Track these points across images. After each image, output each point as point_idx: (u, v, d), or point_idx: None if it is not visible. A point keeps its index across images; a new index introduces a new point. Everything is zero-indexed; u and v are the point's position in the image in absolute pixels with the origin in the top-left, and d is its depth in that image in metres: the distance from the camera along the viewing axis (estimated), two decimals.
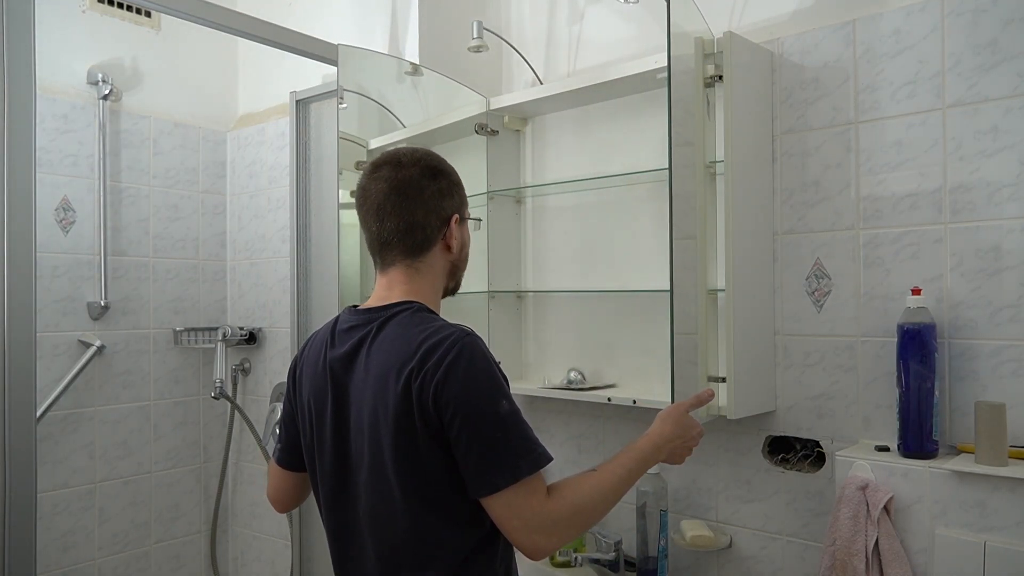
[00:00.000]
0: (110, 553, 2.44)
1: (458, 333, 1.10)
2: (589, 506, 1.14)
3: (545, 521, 1.08)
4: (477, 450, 1.06)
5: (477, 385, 1.07)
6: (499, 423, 1.07)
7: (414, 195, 1.19)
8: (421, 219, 1.19)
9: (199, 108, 2.70)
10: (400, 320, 1.16)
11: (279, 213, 2.58)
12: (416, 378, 1.07)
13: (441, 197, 1.21)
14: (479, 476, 1.07)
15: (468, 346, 1.09)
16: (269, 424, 2.51)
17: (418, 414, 1.08)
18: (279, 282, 2.57)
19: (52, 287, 2.29)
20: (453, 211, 1.22)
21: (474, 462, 1.07)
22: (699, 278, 1.55)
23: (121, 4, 2.47)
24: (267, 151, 2.64)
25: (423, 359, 1.08)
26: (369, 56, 1.98)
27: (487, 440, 1.06)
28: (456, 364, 1.07)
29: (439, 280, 1.24)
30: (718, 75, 1.56)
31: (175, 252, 2.62)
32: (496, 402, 1.07)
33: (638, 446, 1.25)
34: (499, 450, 1.06)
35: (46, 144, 2.28)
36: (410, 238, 1.19)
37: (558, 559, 1.86)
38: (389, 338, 1.14)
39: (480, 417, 1.06)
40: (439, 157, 1.26)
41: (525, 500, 1.07)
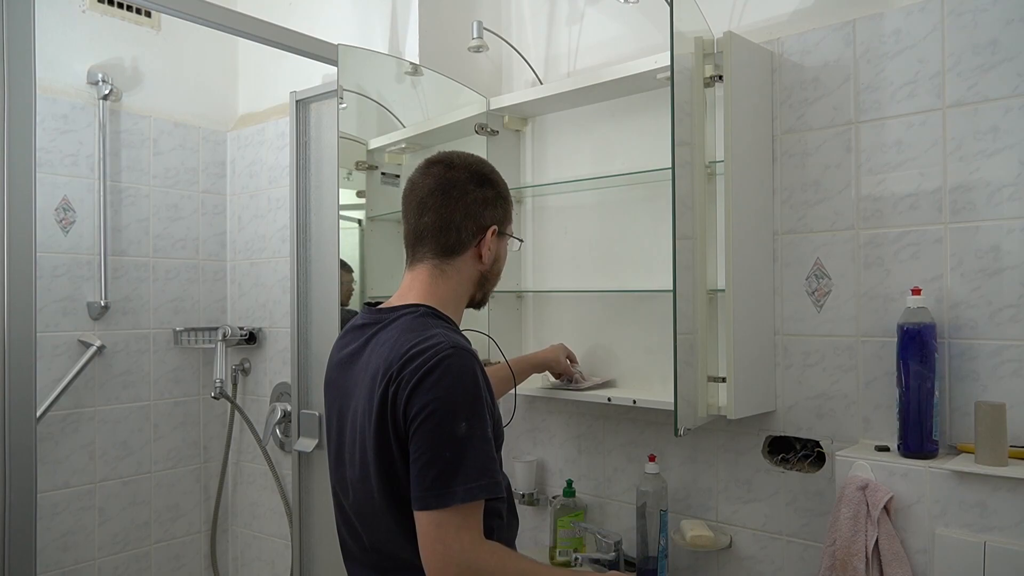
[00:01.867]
0: (110, 553, 2.44)
1: (446, 344, 1.08)
2: None
3: (470, 563, 1.04)
4: (420, 463, 1.05)
5: (443, 399, 1.05)
6: (453, 442, 1.04)
7: (457, 196, 1.21)
8: (458, 221, 1.21)
9: (199, 108, 2.70)
10: (401, 323, 1.16)
11: (279, 213, 2.58)
12: (393, 383, 1.08)
13: (484, 205, 1.23)
14: (416, 488, 1.05)
15: (449, 359, 1.07)
16: (269, 424, 2.51)
17: (391, 421, 1.08)
18: (279, 282, 2.57)
19: (52, 287, 2.29)
20: (493, 222, 1.24)
21: (416, 472, 1.05)
22: (699, 278, 1.55)
23: (121, 4, 2.47)
24: (267, 151, 2.64)
25: (403, 366, 1.08)
26: (369, 56, 1.98)
27: (434, 456, 1.04)
28: (430, 375, 1.05)
29: (464, 287, 1.25)
30: (718, 75, 1.56)
31: (175, 252, 2.62)
32: (456, 419, 1.05)
33: None
34: (442, 468, 1.03)
35: (46, 144, 2.28)
36: (444, 237, 1.21)
37: (558, 559, 1.86)
38: (386, 341, 1.15)
39: (435, 431, 1.04)
40: (491, 167, 1.29)
41: (455, 532, 1.03)
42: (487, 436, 1.08)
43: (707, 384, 1.56)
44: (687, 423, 1.47)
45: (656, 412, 1.81)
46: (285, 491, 2.53)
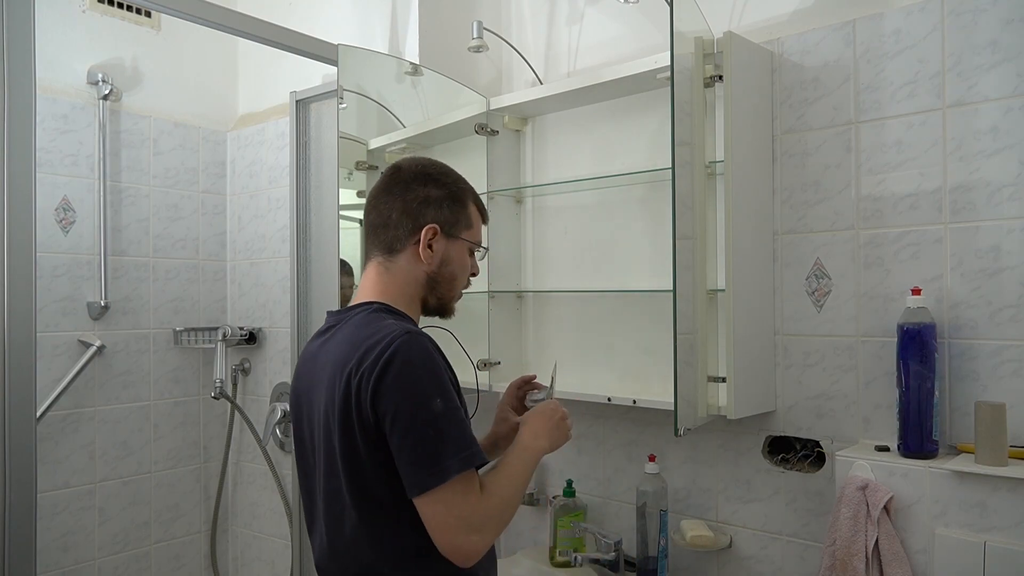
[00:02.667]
0: (110, 553, 2.44)
1: (398, 331, 1.10)
2: (511, 500, 1.15)
3: (481, 518, 1.09)
4: (408, 448, 1.06)
5: (410, 382, 1.07)
6: (431, 420, 1.06)
7: (398, 193, 1.22)
8: (395, 219, 1.22)
9: (199, 108, 2.70)
10: (355, 321, 1.18)
11: (279, 213, 2.58)
12: (355, 377, 1.09)
13: (424, 204, 1.22)
14: (410, 476, 1.06)
15: (405, 343, 1.08)
16: (269, 424, 2.51)
17: (356, 414, 1.09)
18: (279, 282, 2.57)
19: (52, 287, 2.29)
20: (434, 221, 1.22)
21: (406, 461, 1.06)
22: (699, 278, 1.55)
23: (121, 4, 2.47)
24: (267, 151, 2.64)
25: (361, 359, 1.09)
26: (369, 56, 1.98)
27: (418, 438, 1.06)
28: (391, 362, 1.07)
29: (411, 286, 1.24)
30: (718, 75, 1.56)
31: (175, 252, 2.62)
32: (429, 399, 1.07)
33: (521, 444, 1.24)
34: (430, 448, 1.06)
35: (46, 144, 2.28)
36: (383, 234, 1.23)
37: (558, 559, 1.86)
38: (342, 340, 1.17)
39: (412, 414, 1.06)
40: (445, 170, 1.28)
41: (463, 498, 1.07)
42: (459, 407, 1.10)
43: (707, 384, 1.56)
44: (687, 423, 1.47)
45: (656, 412, 1.81)
46: (285, 491, 2.53)
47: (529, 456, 1.23)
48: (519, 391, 1.48)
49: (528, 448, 1.23)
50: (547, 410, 1.31)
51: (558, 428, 1.29)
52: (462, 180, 1.29)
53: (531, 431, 1.26)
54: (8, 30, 1.29)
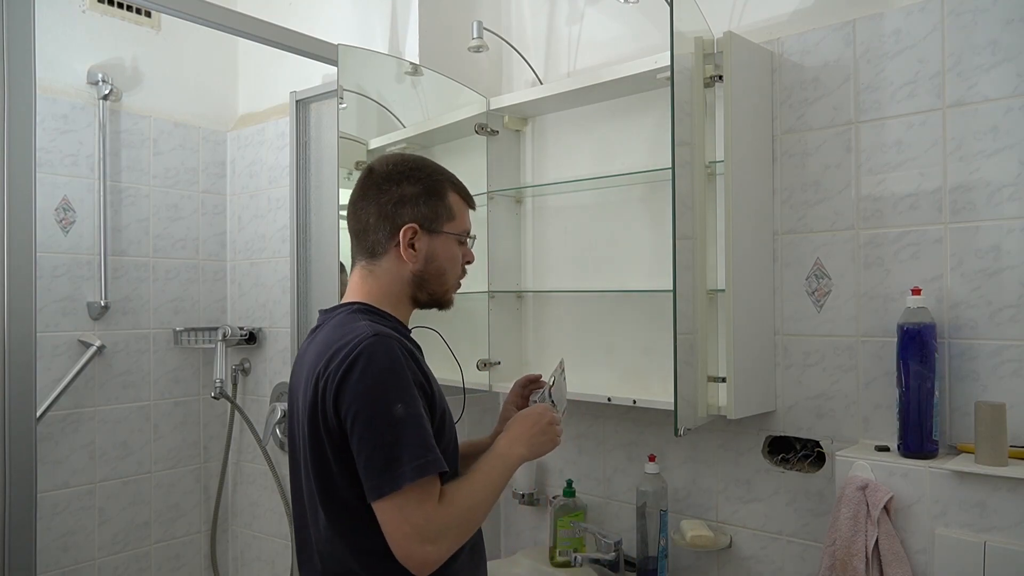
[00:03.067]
0: (110, 553, 2.43)
1: (364, 335, 1.08)
2: (475, 509, 1.12)
3: (437, 527, 1.06)
4: (366, 453, 1.04)
5: (372, 387, 1.05)
6: (390, 425, 1.04)
7: (372, 197, 1.20)
8: (373, 223, 1.19)
9: (199, 108, 2.69)
10: (334, 322, 1.18)
11: (279, 213, 2.58)
12: (322, 379, 1.08)
13: (400, 204, 1.18)
14: (367, 480, 1.05)
15: (370, 345, 1.06)
16: (269, 424, 2.51)
17: (321, 417, 1.08)
18: (279, 282, 2.57)
19: (52, 287, 2.29)
20: (412, 220, 1.18)
21: (363, 465, 1.05)
22: (699, 278, 1.55)
23: (121, 4, 2.47)
24: (267, 151, 2.64)
25: (328, 361, 1.08)
26: (369, 56, 1.98)
27: (376, 443, 1.04)
28: (354, 365, 1.05)
29: (397, 286, 1.21)
30: (718, 75, 1.56)
31: (175, 252, 2.62)
32: (390, 403, 1.05)
33: (495, 451, 1.20)
34: (386, 453, 1.03)
35: (46, 144, 2.27)
36: (364, 239, 1.21)
37: (558, 559, 1.86)
38: (320, 341, 1.17)
39: (371, 418, 1.04)
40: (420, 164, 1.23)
41: (418, 506, 1.04)
42: (422, 414, 1.08)
43: (707, 384, 1.56)
44: (687, 423, 1.47)
45: (656, 412, 1.81)
46: (285, 491, 2.52)
47: (501, 464, 1.18)
48: (524, 390, 1.44)
49: (502, 455, 1.19)
50: (532, 414, 1.26)
51: (543, 434, 1.24)
52: (438, 171, 1.24)
53: (509, 437, 1.22)
54: (8, 30, 1.28)
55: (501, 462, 1.19)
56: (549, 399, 1.36)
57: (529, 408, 1.29)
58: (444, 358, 1.39)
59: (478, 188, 2.04)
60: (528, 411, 1.27)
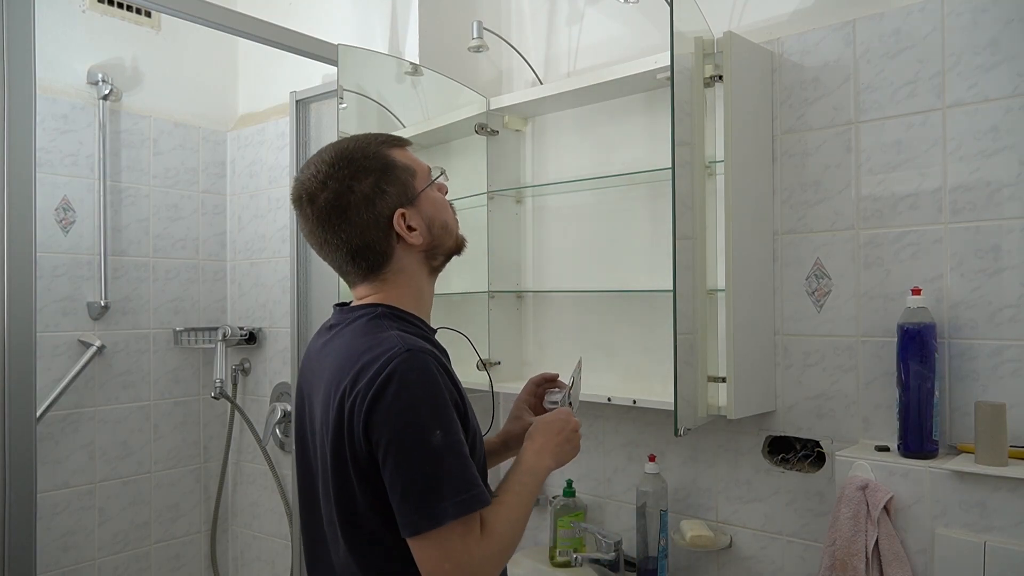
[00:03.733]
0: (110, 553, 2.43)
1: (396, 350, 0.98)
2: (513, 535, 1.04)
3: (479, 561, 0.98)
4: (402, 485, 0.95)
5: (407, 412, 0.96)
6: (429, 457, 0.95)
7: (338, 223, 1.05)
8: (361, 241, 1.06)
9: (199, 108, 2.70)
10: (355, 327, 1.07)
11: (279, 213, 2.58)
12: (348, 398, 0.99)
13: (371, 205, 1.05)
14: (403, 514, 0.96)
15: (404, 363, 0.96)
16: (269, 424, 2.51)
17: (347, 440, 0.99)
18: (279, 282, 2.57)
19: (52, 287, 2.29)
20: (393, 207, 1.06)
21: (399, 498, 0.96)
22: (698, 278, 1.55)
23: (121, 4, 2.47)
24: (267, 151, 2.64)
25: (356, 378, 0.98)
26: (369, 56, 1.98)
27: (414, 476, 0.95)
28: (386, 387, 0.95)
29: (415, 277, 1.12)
30: (718, 75, 1.56)
31: (175, 252, 2.62)
32: (427, 432, 0.95)
33: (524, 466, 1.12)
34: (425, 487, 0.95)
35: (46, 144, 2.28)
36: (362, 261, 1.08)
37: (558, 559, 1.86)
38: (341, 346, 1.06)
39: (408, 449, 0.95)
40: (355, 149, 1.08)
41: (460, 542, 0.96)
42: (462, 440, 0.99)
43: (707, 384, 1.56)
44: (687, 423, 1.47)
45: (656, 412, 1.81)
46: (285, 491, 2.53)
47: (532, 480, 1.11)
48: (537, 388, 1.36)
49: (532, 470, 1.11)
50: (555, 422, 1.18)
51: (568, 442, 1.17)
52: (363, 145, 1.09)
53: (535, 449, 1.14)
54: (8, 30, 1.28)
55: (531, 478, 1.11)
56: (568, 401, 1.29)
57: (551, 416, 1.20)
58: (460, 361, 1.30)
59: (478, 188, 2.04)
60: (551, 419, 1.19)
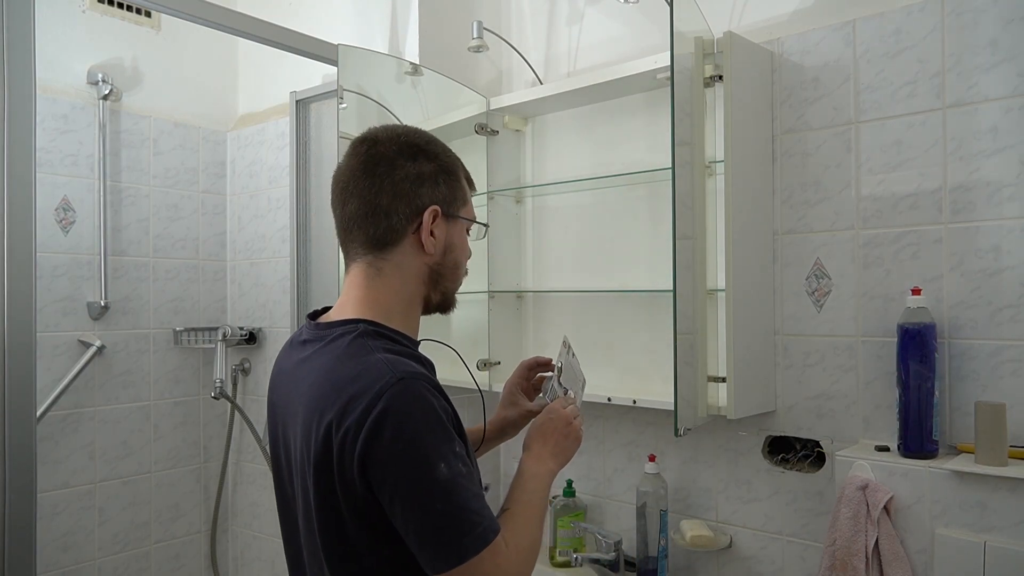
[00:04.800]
0: (110, 553, 2.43)
1: (386, 381, 0.91)
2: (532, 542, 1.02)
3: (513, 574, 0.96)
4: (415, 530, 0.92)
5: (409, 450, 0.90)
6: (438, 495, 0.91)
7: (383, 173, 1.01)
8: (386, 204, 1.01)
9: (199, 108, 2.69)
10: (336, 348, 0.99)
11: (279, 213, 2.58)
12: (337, 433, 0.92)
13: (418, 182, 1.02)
14: (423, 557, 0.93)
15: (397, 395, 0.91)
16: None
17: (338, 477, 0.93)
18: (279, 282, 2.57)
19: (52, 287, 2.29)
20: (433, 202, 1.02)
21: (415, 544, 0.92)
22: (698, 278, 1.55)
23: (121, 4, 2.47)
24: (267, 151, 2.64)
25: (344, 411, 0.92)
26: (369, 56, 1.98)
27: (424, 515, 0.91)
28: (383, 423, 0.89)
29: (410, 286, 1.05)
30: (718, 75, 1.56)
31: (175, 252, 2.62)
32: (432, 468, 0.90)
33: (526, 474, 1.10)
34: (439, 527, 0.91)
35: (46, 144, 2.27)
36: (372, 225, 1.02)
37: (558, 559, 1.86)
38: (320, 368, 0.99)
39: (413, 489, 0.91)
40: (430, 138, 1.08)
41: (491, 563, 0.93)
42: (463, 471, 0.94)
43: (707, 384, 1.56)
44: (687, 423, 1.47)
45: (656, 412, 1.81)
46: None
47: (537, 484, 1.08)
48: (529, 372, 1.31)
49: (535, 475, 1.09)
50: (546, 424, 1.15)
51: (565, 438, 1.13)
52: (449, 148, 1.09)
53: (534, 456, 1.11)
54: (8, 30, 1.28)
55: (537, 482, 1.09)
56: (560, 388, 1.23)
57: (541, 418, 1.17)
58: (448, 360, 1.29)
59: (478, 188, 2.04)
60: (541, 422, 1.16)
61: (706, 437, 1.77)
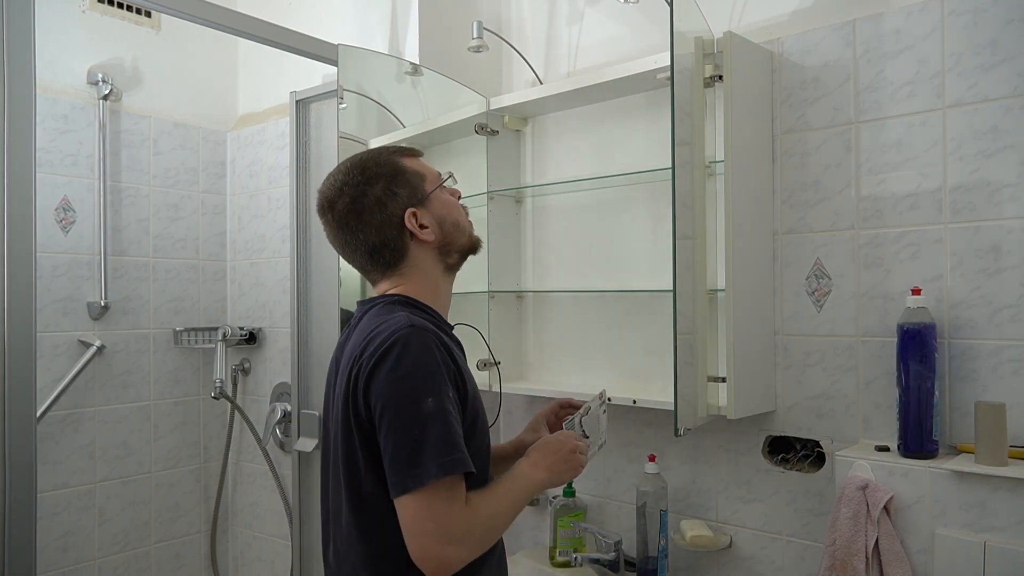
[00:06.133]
0: (110, 553, 2.44)
1: (400, 324, 1.07)
2: (496, 519, 1.10)
3: (461, 529, 1.03)
4: (392, 447, 1.03)
5: (403, 376, 1.04)
6: (419, 420, 1.02)
7: (356, 226, 1.17)
8: (378, 240, 1.17)
9: (199, 108, 2.70)
10: (372, 313, 1.17)
11: (279, 213, 2.58)
12: (355, 368, 1.08)
13: (383, 207, 1.16)
14: (392, 475, 1.03)
15: (404, 337, 1.05)
16: (269, 424, 2.51)
17: (352, 409, 1.08)
18: (279, 282, 2.57)
19: (52, 287, 2.29)
20: (403, 207, 1.17)
21: (388, 459, 1.03)
22: (699, 278, 1.55)
23: (121, 4, 2.47)
24: (267, 151, 2.64)
25: (363, 350, 1.08)
26: (369, 56, 1.98)
27: (403, 437, 1.02)
28: (387, 355, 1.04)
29: (430, 272, 1.21)
30: (718, 75, 1.56)
31: (175, 252, 2.62)
32: (420, 397, 1.03)
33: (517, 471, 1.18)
34: (412, 448, 1.01)
35: (46, 144, 2.28)
36: (380, 258, 1.19)
37: (558, 559, 1.86)
38: (357, 331, 1.17)
39: (399, 411, 1.03)
40: (367, 159, 1.21)
41: (445, 504, 1.02)
42: (451, 411, 1.05)
43: (707, 384, 1.56)
44: (687, 423, 1.47)
45: (656, 412, 1.81)
46: (285, 491, 2.53)
47: (523, 484, 1.16)
48: (560, 410, 1.43)
49: (524, 476, 1.17)
50: (554, 442, 1.24)
51: (564, 461, 1.22)
52: (377, 155, 1.21)
53: (532, 461, 1.20)
54: (8, 30, 1.28)
55: (522, 482, 1.17)
56: (579, 428, 1.32)
57: (553, 436, 1.26)
58: None
59: (478, 188, 2.04)
60: (551, 439, 1.25)
61: (706, 437, 1.77)
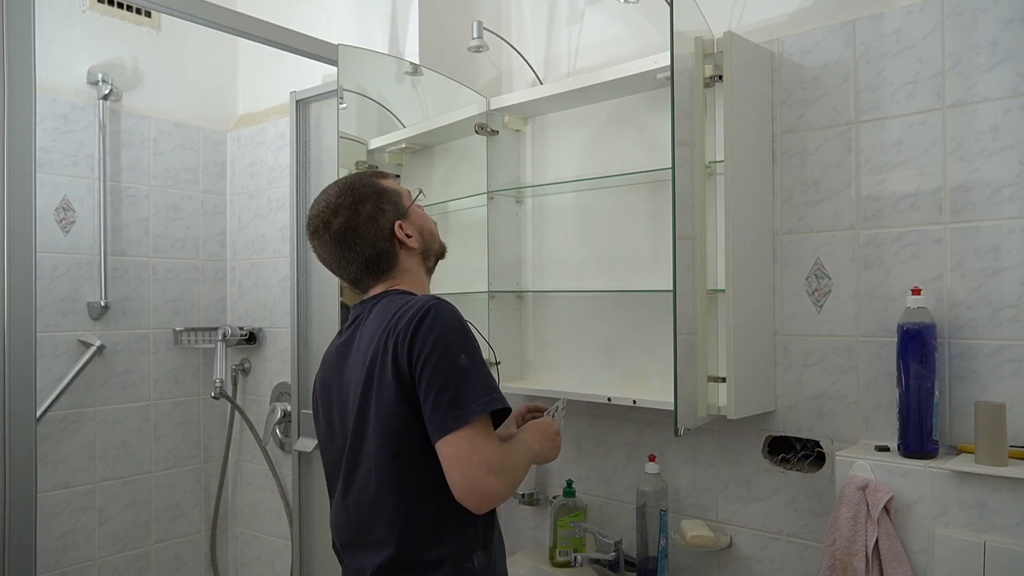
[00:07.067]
0: (110, 553, 2.44)
1: (428, 298, 1.22)
2: (520, 467, 1.26)
3: (501, 461, 1.16)
4: (434, 396, 1.14)
5: (441, 334, 1.16)
6: (457, 371, 1.15)
7: (353, 238, 1.30)
8: (373, 251, 1.31)
9: (199, 108, 2.70)
10: (383, 303, 1.29)
11: (279, 213, 2.58)
12: (391, 338, 1.19)
13: (375, 222, 1.31)
14: (433, 420, 1.14)
15: (435, 306, 1.19)
16: (269, 424, 2.51)
17: (392, 372, 1.18)
18: (279, 282, 2.57)
19: (52, 287, 2.29)
20: (392, 220, 1.32)
21: (430, 408, 1.14)
22: (699, 278, 1.55)
23: (121, 4, 2.47)
24: (267, 151, 2.64)
25: (397, 322, 1.20)
26: (369, 56, 1.98)
27: (444, 386, 1.14)
28: (423, 320, 1.17)
29: (416, 273, 1.37)
30: (718, 75, 1.56)
31: (175, 252, 2.62)
32: (456, 353, 1.16)
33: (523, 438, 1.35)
34: (454, 393, 1.14)
35: (46, 144, 2.28)
36: (375, 269, 1.33)
37: (558, 559, 1.86)
38: (374, 318, 1.27)
39: (439, 365, 1.15)
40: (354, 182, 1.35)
41: (485, 440, 1.14)
42: (483, 362, 1.20)
43: (707, 384, 1.56)
44: (687, 423, 1.47)
45: (656, 412, 1.81)
46: (285, 491, 2.53)
47: (527, 448, 1.33)
48: (528, 413, 1.61)
49: (525, 441, 1.34)
50: (541, 423, 1.45)
51: (550, 440, 1.41)
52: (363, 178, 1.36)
53: (528, 432, 1.39)
54: (8, 30, 1.28)
55: (526, 446, 1.33)
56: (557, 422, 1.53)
57: (539, 420, 1.48)
58: None
59: (478, 188, 2.04)
60: (539, 422, 1.46)
61: (706, 437, 1.77)
